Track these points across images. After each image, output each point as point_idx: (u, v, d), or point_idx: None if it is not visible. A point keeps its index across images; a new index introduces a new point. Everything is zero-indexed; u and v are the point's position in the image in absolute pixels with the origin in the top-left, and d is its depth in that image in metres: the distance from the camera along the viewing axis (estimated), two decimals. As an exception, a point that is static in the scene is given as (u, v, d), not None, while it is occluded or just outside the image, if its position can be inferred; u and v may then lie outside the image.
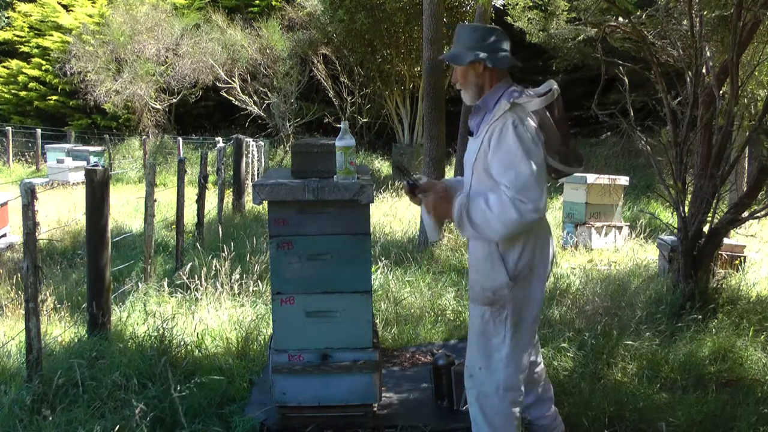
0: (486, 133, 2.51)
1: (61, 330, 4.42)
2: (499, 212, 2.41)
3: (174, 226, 6.78)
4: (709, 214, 4.83)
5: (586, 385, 3.53)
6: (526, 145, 2.42)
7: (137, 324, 4.46)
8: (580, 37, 11.37)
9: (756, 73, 5.47)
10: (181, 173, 6.50)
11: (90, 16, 21.81)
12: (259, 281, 5.13)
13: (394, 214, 9.61)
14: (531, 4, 12.20)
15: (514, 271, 2.54)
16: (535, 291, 2.60)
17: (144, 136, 19.93)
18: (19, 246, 6.98)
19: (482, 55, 2.54)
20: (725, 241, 5.54)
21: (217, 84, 19.63)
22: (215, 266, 5.23)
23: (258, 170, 14.63)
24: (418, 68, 14.29)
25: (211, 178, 10.25)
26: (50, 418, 3.01)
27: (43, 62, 21.63)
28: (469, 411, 2.72)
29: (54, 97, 21.62)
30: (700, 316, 4.53)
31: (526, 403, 2.90)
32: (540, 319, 2.86)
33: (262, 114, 19.65)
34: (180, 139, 18.53)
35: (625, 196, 9.90)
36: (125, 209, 9.88)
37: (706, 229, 4.90)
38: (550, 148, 2.54)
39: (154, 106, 20.79)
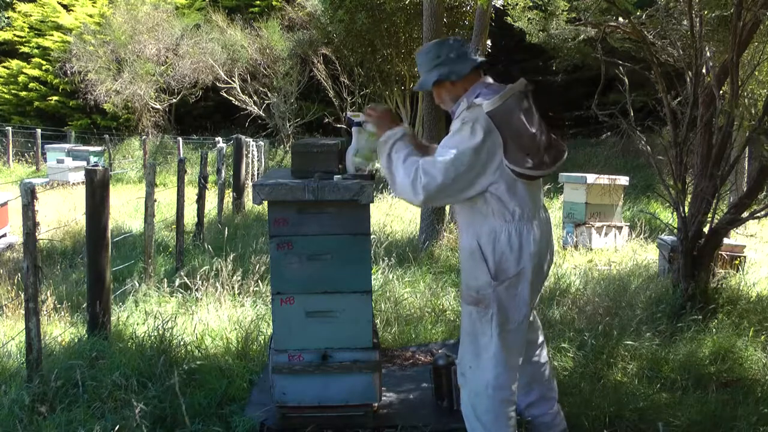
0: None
1: (61, 330, 4.42)
2: (403, 170, 2.50)
3: (174, 226, 6.78)
4: (709, 214, 4.83)
5: (586, 385, 3.53)
6: (462, 141, 2.47)
7: (137, 324, 4.46)
8: (580, 37, 11.36)
9: (756, 73, 5.46)
10: (181, 173, 6.50)
11: (90, 16, 21.83)
12: (259, 281, 5.13)
13: (394, 214, 9.61)
14: (531, 4, 12.18)
15: (495, 270, 2.52)
16: (524, 291, 2.55)
17: (144, 136, 19.93)
18: (19, 246, 6.98)
19: (442, 72, 2.60)
20: (725, 241, 5.54)
21: (217, 84, 19.64)
22: (215, 266, 5.23)
23: (258, 170, 14.63)
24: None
25: (211, 178, 10.24)
26: (50, 418, 3.01)
27: (44, 62, 21.65)
28: (462, 410, 2.75)
29: (54, 97, 21.63)
30: (700, 316, 4.53)
31: (529, 401, 2.92)
32: (533, 320, 2.83)
33: (262, 114, 19.66)
34: (180, 139, 18.53)
35: (625, 196, 9.90)
36: (125, 209, 9.88)
37: (706, 229, 4.90)
38: (515, 147, 2.44)
39: (154, 106, 20.81)
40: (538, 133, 2.48)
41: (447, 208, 7.72)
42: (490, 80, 2.67)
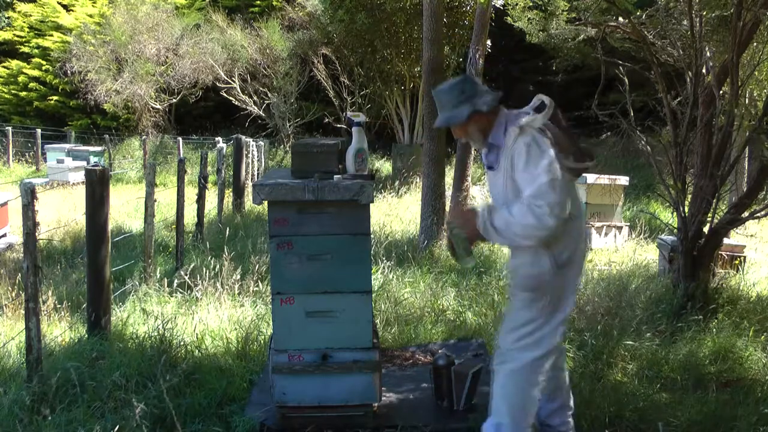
0: (507, 162, 2.67)
1: (61, 330, 4.42)
2: (519, 218, 2.56)
3: (174, 226, 6.78)
4: (709, 214, 4.83)
5: (586, 385, 3.53)
6: (540, 158, 2.58)
7: (137, 324, 4.46)
8: (580, 37, 11.36)
9: (756, 73, 5.47)
10: (181, 173, 6.50)
11: (90, 16, 21.81)
12: (259, 281, 5.13)
13: (394, 214, 9.61)
14: (531, 4, 12.18)
15: (558, 259, 2.68)
16: (571, 280, 2.76)
17: (144, 136, 19.92)
18: (19, 246, 6.98)
19: (477, 104, 2.71)
20: (725, 241, 5.54)
21: (217, 84, 19.63)
22: (215, 266, 5.23)
23: (258, 170, 14.63)
24: (418, 68, 14.28)
25: (211, 178, 10.24)
26: (50, 418, 3.01)
27: (44, 62, 21.63)
28: (493, 391, 2.80)
29: (54, 97, 21.61)
30: (700, 316, 4.53)
31: (552, 408, 2.98)
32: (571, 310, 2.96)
33: (262, 114, 19.65)
34: (180, 139, 18.52)
35: (625, 196, 9.89)
36: (125, 209, 9.87)
37: (706, 229, 4.90)
38: (562, 152, 2.67)
39: (154, 106, 20.80)
40: (573, 136, 2.78)
41: (447, 208, 7.72)
42: (506, 110, 2.81)
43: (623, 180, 8.78)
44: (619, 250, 8.00)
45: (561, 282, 2.70)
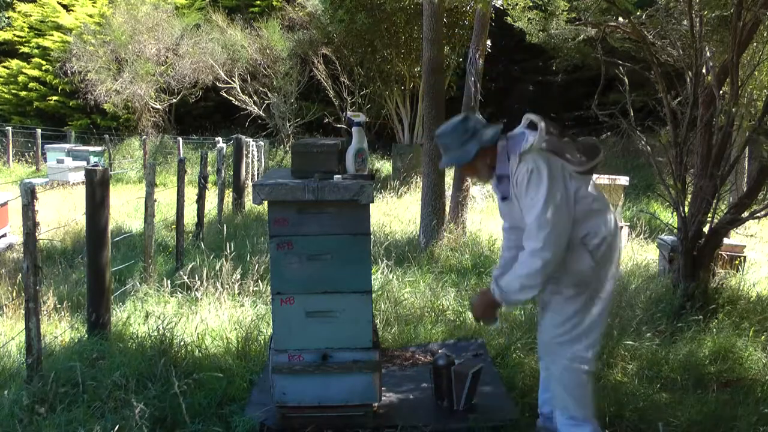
0: (515, 190, 2.78)
1: (61, 330, 4.42)
2: (527, 269, 2.69)
3: (174, 226, 6.78)
4: (709, 214, 4.83)
5: (586, 385, 3.52)
6: (538, 186, 2.67)
7: (137, 324, 4.46)
8: (580, 37, 11.35)
9: (756, 73, 5.46)
10: (181, 173, 6.50)
11: (90, 16, 21.81)
12: (259, 281, 5.13)
13: (394, 214, 9.61)
14: (531, 4, 12.17)
15: (597, 255, 2.76)
16: (610, 272, 2.84)
17: (144, 136, 19.92)
18: (19, 246, 6.98)
19: (483, 140, 2.79)
20: (725, 241, 5.54)
21: (217, 84, 19.63)
22: (216, 266, 5.23)
23: (258, 170, 14.63)
24: (418, 68, 14.28)
25: (211, 178, 10.24)
26: (50, 418, 3.01)
27: (43, 62, 21.63)
28: (551, 386, 2.94)
29: (54, 97, 21.61)
30: (700, 316, 4.53)
31: (546, 398, 3.09)
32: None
33: (262, 114, 19.65)
34: (180, 139, 18.51)
35: (625, 196, 9.89)
36: (125, 209, 9.87)
37: (706, 229, 4.90)
38: (568, 158, 2.77)
39: (154, 106, 20.80)
40: (573, 140, 2.87)
41: (447, 208, 7.72)
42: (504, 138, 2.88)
43: (623, 180, 8.76)
44: (619, 250, 7.97)
45: (601, 275, 2.80)
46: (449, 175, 8.91)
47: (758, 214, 4.82)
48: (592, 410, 2.90)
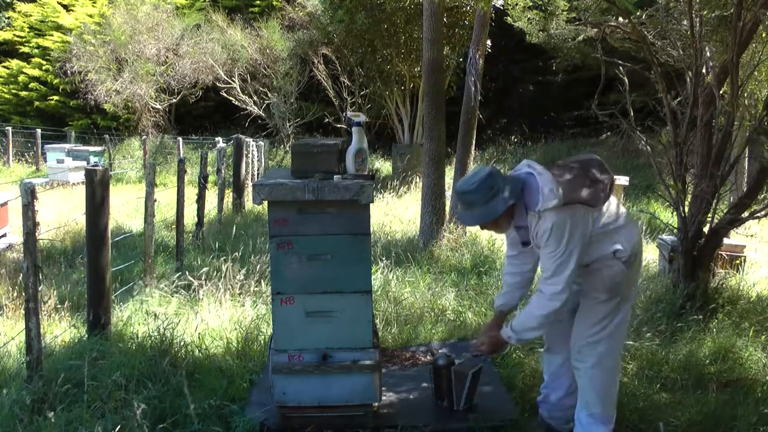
0: (535, 240, 2.85)
1: (61, 330, 4.42)
2: (546, 310, 2.81)
3: (174, 226, 6.78)
4: (709, 214, 4.83)
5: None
6: (562, 241, 2.74)
7: (138, 324, 4.46)
8: (580, 37, 11.37)
9: (756, 73, 5.46)
10: (181, 173, 6.50)
11: (90, 16, 21.81)
12: (260, 281, 5.13)
13: (394, 214, 9.60)
14: (531, 4, 12.18)
15: (626, 259, 2.86)
16: (635, 276, 2.99)
17: (144, 136, 19.92)
18: (19, 246, 6.98)
19: (508, 198, 2.81)
20: (725, 241, 5.54)
21: (217, 84, 19.62)
22: (215, 266, 5.23)
23: (258, 170, 14.63)
24: (418, 68, 14.26)
25: (211, 178, 10.24)
26: (51, 419, 3.01)
27: (44, 62, 21.62)
28: (581, 386, 2.97)
29: (54, 97, 21.61)
30: (700, 316, 4.53)
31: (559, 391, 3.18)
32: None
33: (262, 114, 19.64)
34: (180, 139, 18.51)
35: (625, 196, 9.89)
36: (125, 209, 9.87)
37: (706, 229, 4.90)
38: (586, 200, 2.79)
39: (154, 106, 20.79)
40: (584, 181, 2.85)
41: (447, 208, 7.72)
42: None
43: (623, 180, 8.77)
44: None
45: (629, 279, 2.92)
46: (449, 175, 8.90)
47: (758, 214, 4.82)
48: (613, 411, 2.97)
